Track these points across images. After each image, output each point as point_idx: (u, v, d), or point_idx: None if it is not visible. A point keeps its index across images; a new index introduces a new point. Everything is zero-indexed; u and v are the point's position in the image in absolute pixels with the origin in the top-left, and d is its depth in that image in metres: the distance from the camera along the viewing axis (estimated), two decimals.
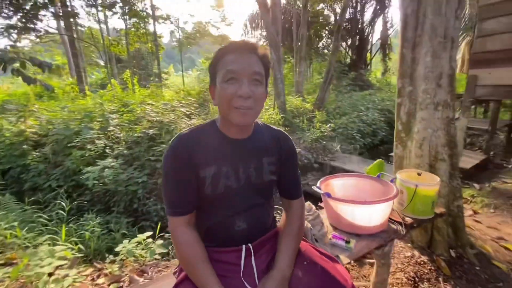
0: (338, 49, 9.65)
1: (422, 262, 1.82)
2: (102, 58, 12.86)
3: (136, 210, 3.43)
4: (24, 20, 6.85)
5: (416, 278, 1.70)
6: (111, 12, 10.26)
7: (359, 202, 1.22)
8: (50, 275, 1.55)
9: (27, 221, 2.48)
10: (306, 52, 11.57)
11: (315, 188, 1.36)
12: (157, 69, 12.94)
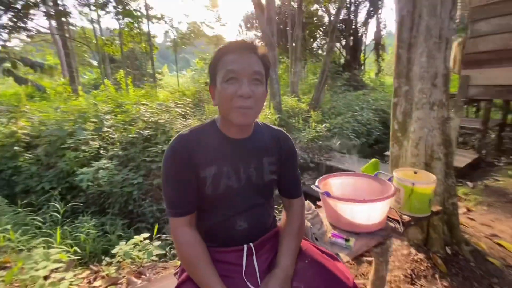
0: (332, 49, 9.72)
1: (419, 260, 1.84)
2: (95, 58, 12.70)
3: (131, 211, 3.40)
4: (14, 19, 6.71)
5: (413, 275, 1.72)
6: (104, 11, 10.12)
7: (359, 200, 1.23)
8: (46, 279, 1.52)
9: (20, 224, 2.44)
10: (301, 52, 11.63)
11: (314, 187, 1.36)
12: (151, 69, 12.84)
